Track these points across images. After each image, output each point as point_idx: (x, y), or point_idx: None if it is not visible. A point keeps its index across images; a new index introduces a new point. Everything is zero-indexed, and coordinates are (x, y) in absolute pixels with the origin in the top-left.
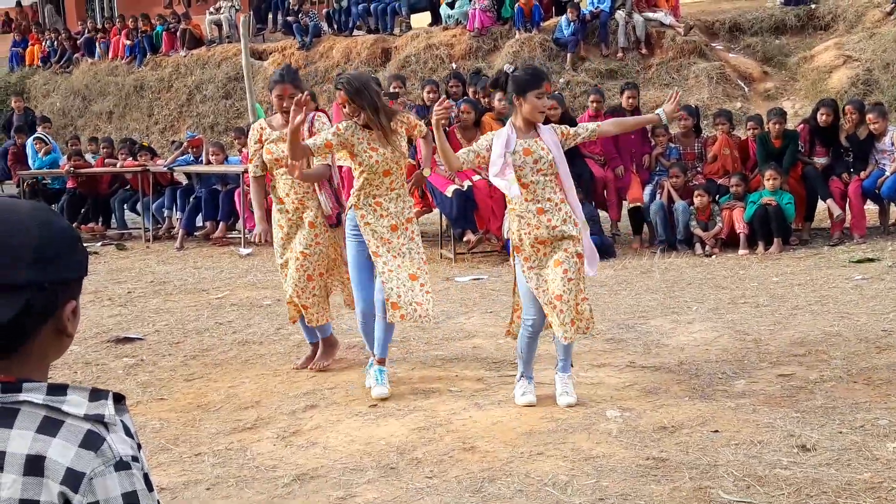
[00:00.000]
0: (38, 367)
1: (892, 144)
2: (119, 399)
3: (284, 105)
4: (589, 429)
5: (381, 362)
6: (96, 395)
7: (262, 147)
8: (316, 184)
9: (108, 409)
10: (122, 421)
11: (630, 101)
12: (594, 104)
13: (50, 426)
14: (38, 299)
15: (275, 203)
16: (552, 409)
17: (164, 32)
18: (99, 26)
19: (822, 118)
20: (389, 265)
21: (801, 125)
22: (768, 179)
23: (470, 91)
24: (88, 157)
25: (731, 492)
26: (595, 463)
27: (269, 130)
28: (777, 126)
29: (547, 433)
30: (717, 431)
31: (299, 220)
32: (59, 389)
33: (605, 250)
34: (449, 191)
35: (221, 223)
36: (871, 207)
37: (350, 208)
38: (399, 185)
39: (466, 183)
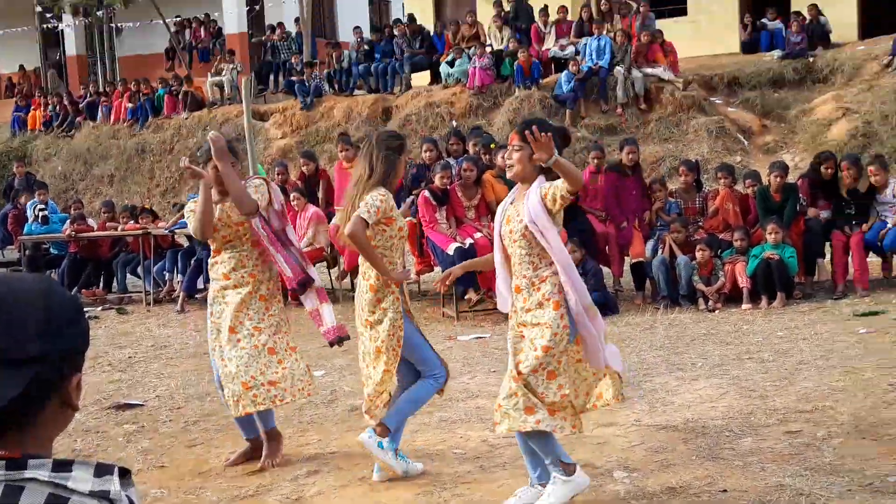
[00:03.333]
0: (43, 442)
1: (894, 197)
2: (124, 473)
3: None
4: (596, 490)
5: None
6: (101, 470)
7: None
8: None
9: (113, 484)
10: (127, 496)
11: (630, 156)
12: (595, 160)
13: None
14: (44, 373)
15: (215, 285)
16: None
17: (165, 95)
18: (101, 90)
19: (825, 171)
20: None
21: (801, 179)
22: (770, 233)
23: (470, 147)
24: (91, 220)
25: None
26: None
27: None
28: (777, 180)
29: None
30: (725, 491)
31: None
32: (64, 465)
33: (608, 306)
34: (450, 249)
35: None
36: (873, 260)
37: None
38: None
39: (468, 241)
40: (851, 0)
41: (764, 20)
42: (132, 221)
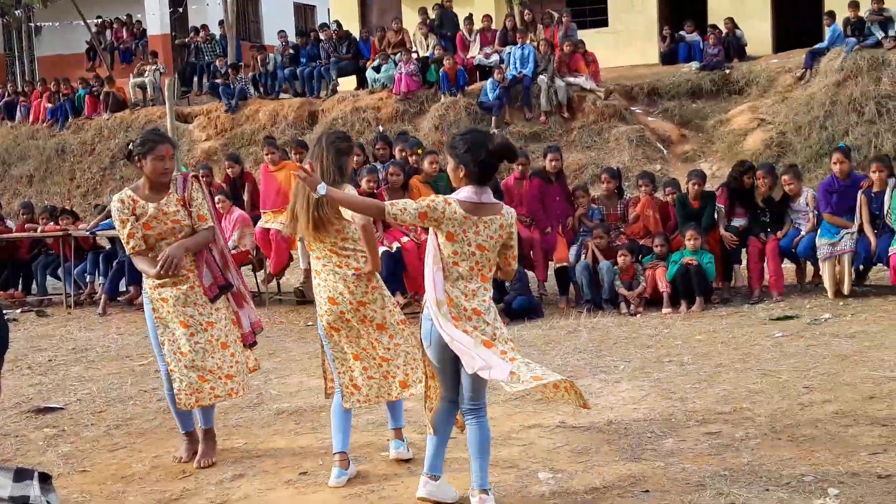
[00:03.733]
0: None
1: (807, 205)
2: (45, 478)
3: (166, 166)
4: (521, 491)
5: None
6: (21, 475)
7: (138, 221)
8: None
9: (33, 489)
10: (47, 502)
11: (553, 163)
12: (520, 167)
13: None
14: None
15: (150, 282)
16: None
17: (86, 95)
18: (19, 89)
19: (747, 181)
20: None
21: (720, 188)
22: (689, 239)
23: (397, 152)
24: (9, 222)
25: None
26: None
27: (143, 203)
28: (696, 187)
29: None
30: (647, 491)
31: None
32: None
33: (533, 310)
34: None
35: None
36: (788, 266)
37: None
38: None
39: (395, 244)
40: (766, 14)
41: (682, 32)
42: (52, 223)
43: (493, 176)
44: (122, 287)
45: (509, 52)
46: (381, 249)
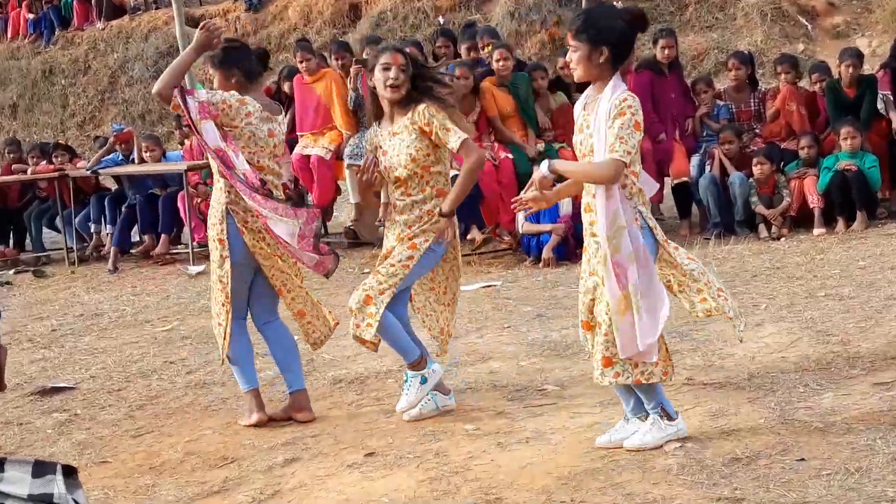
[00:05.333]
0: None
1: None
2: (69, 472)
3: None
4: (643, 466)
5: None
6: (41, 468)
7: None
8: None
9: (57, 486)
10: (73, 500)
11: (666, 51)
12: None
13: None
14: None
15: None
16: (593, 445)
17: (74, 1)
18: None
19: None
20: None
21: (882, 70)
22: (845, 139)
23: (463, 50)
24: None
25: None
26: None
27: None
28: (850, 70)
29: (590, 475)
30: (802, 460)
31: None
32: None
33: None
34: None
35: (163, 236)
36: None
37: None
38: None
39: None
40: None
41: None
42: (44, 162)
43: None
44: (135, 237)
45: None
46: (451, 173)
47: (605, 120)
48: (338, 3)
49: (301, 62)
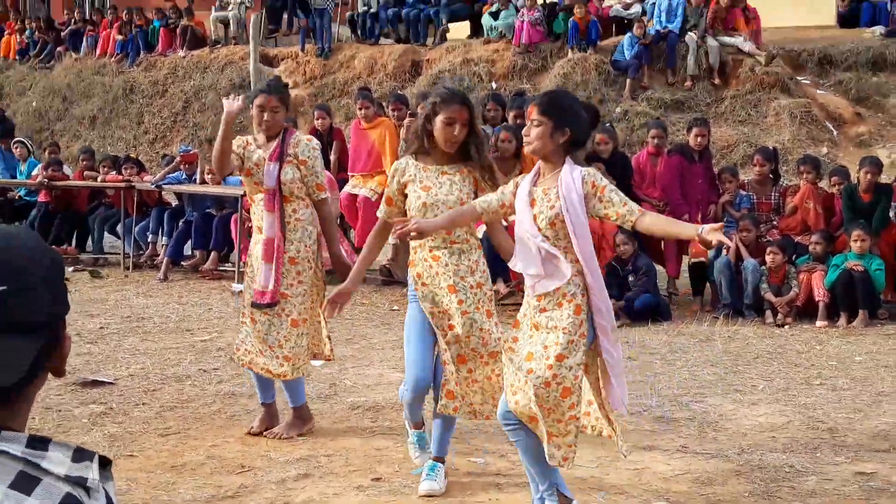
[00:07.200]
0: (20, 413)
1: None
2: (105, 464)
3: (265, 118)
4: None
5: (439, 459)
6: (81, 454)
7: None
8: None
9: (92, 472)
10: (105, 490)
11: (699, 139)
12: (655, 140)
13: (26, 482)
14: (49, 338)
15: (254, 233)
16: (588, 495)
17: (161, 29)
18: (87, 17)
19: None
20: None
21: None
22: (855, 240)
23: (510, 116)
24: (66, 168)
25: None
26: None
27: (254, 148)
28: (868, 177)
29: None
30: None
31: None
32: (40, 443)
33: (660, 311)
34: (479, 231)
35: (213, 253)
36: None
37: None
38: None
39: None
40: None
41: None
42: (114, 172)
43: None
44: (187, 251)
45: (654, 2)
46: (482, 228)
47: (576, 195)
48: (401, 59)
49: (360, 109)
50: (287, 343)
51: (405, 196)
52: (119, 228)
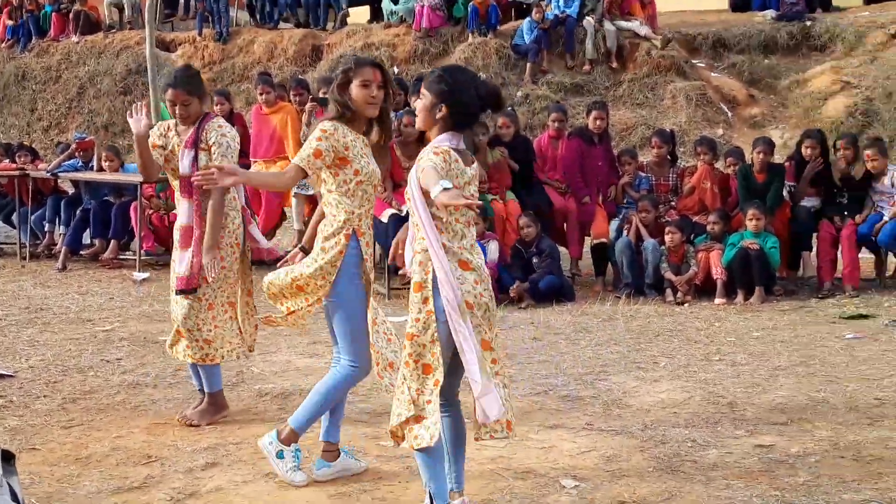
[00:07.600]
0: None
1: (892, 186)
2: (8, 458)
3: (177, 111)
4: (538, 501)
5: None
6: None
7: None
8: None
9: None
10: (9, 485)
11: (598, 122)
12: (555, 123)
13: None
14: None
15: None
16: (498, 475)
17: (53, 13)
18: None
19: (805, 151)
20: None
21: (789, 161)
22: (751, 219)
23: (412, 100)
24: None
25: None
26: None
27: (173, 134)
28: (762, 157)
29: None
30: None
31: None
32: None
33: (564, 292)
34: (385, 215)
35: (113, 242)
36: (865, 256)
37: (352, 235)
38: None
39: (405, 207)
40: None
41: None
42: (7, 160)
43: (473, 125)
44: (86, 240)
45: None
46: (389, 212)
47: (415, 170)
48: (301, 44)
49: (261, 94)
50: (205, 326)
51: (340, 161)
52: (14, 218)
